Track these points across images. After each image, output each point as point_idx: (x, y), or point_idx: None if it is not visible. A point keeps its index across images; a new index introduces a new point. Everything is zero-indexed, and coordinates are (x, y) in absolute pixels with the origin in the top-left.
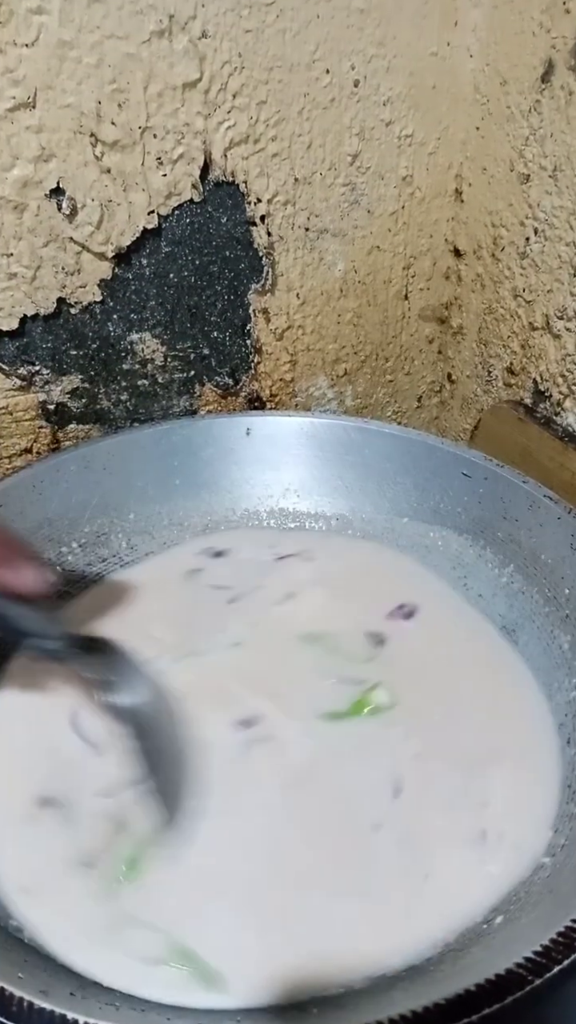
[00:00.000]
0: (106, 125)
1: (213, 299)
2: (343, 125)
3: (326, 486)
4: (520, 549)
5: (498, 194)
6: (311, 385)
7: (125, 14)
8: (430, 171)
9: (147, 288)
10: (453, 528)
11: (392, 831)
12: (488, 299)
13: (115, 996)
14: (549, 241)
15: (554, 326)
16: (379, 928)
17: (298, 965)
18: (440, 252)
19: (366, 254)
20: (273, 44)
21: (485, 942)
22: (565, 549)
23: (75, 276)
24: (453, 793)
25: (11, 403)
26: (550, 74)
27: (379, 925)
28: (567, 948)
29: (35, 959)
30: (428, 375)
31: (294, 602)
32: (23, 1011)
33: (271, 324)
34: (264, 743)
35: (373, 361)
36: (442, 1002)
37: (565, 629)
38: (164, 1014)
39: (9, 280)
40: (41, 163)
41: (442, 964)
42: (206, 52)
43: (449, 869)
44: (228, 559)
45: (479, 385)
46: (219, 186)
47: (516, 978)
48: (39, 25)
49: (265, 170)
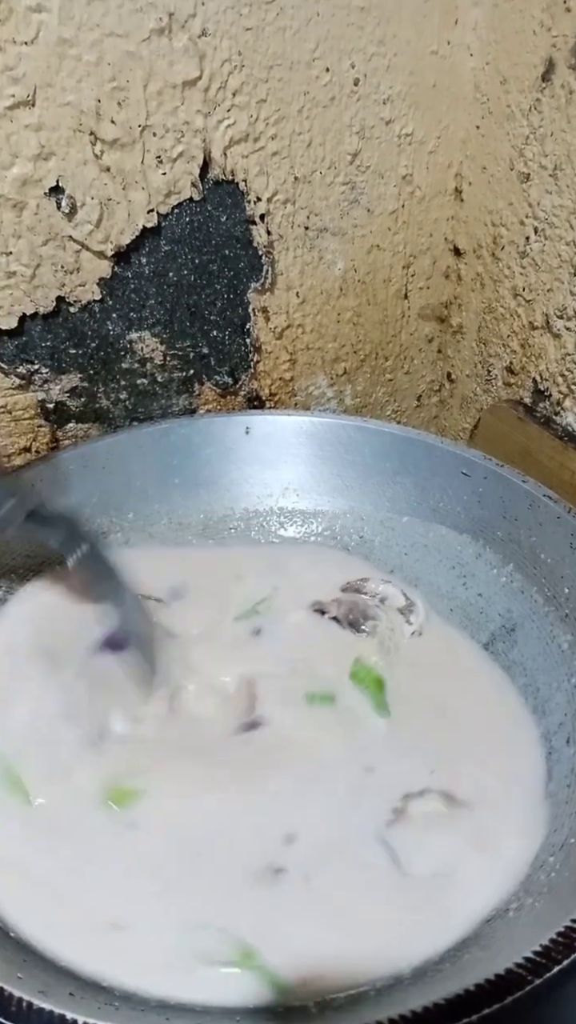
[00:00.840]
0: (106, 123)
1: (212, 298)
2: (343, 124)
3: (325, 485)
4: (520, 548)
5: (498, 193)
6: (310, 384)
7: (125, 12)
8: (430, 170)
9: (146, 287)
10: (452, 527)
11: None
12: (488, 298)
13: (115, 996)
14: (549, 240)
15: (554, 325)
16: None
17: (299, 965)
18: (440, 251)
19: (366, 253)
20: (273, 42)
21: (485, 942)
22: (565, 548)
23: (74, 275)
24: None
25: (10, 402)
26: (550, 73)
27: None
28: (567, 948)
29: (34, 959)
30: (428, 374)
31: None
32: (22, 1011)
33: (270, 323)
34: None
35: (372, 360)
36: (442, 1002)
37: (565, 629)
38: (164, 1014)
39: (8, 279)
40: (40, 161)
41: (442, 964)
42: (206, 50)
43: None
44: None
45: (479, 384)
46: (219, 185)
47: (516, 978)
48: (39, 23)
49: (265, 169)
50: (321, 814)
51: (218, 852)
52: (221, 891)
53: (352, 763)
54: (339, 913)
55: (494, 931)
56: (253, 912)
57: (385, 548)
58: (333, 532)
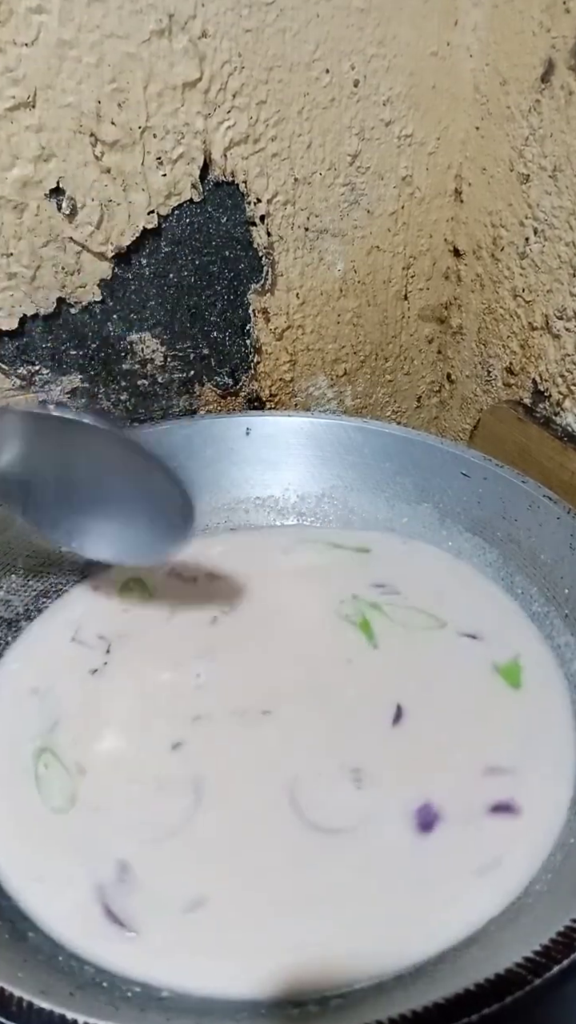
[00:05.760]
0: (106, 125)
1: (213, 299)
2: (343, 125)
3: (326, 486)
4: (519, 549)
5: (498, 194)
6: (311, 385)
7: (125, 13)
8: (430, 171)
9: (147, 288)
10: (453, 528)
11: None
12: (488, 299)
13: (115, 996)
14: (549, 241)
15: (554, 326)
16: (380, 928)
17: (299, 964)
18: (440, 252)
19: (366, 254)
20: (273, 44)
21: (485, 942)
22: (564, 549)
23: (75, 276)
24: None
25: (11, 403)
26: (550, 74)
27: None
28: (567, 948)
29: (35, 959)
30: (427, 375)
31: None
32: (23, 1011)
33: (271, 324)
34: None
35: (373, 361)
36: (442, 1002)
37: (565, 629)
38: (164, 1013)
39: (9, 280)
40: (41, 163)
41: (442, 964)
42: (206, 52)
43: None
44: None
45: (478, 385)
46: (219, 186)
47: (516, 978)
48: (39, 24)
49: (265, 170)
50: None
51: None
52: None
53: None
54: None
55: (494, 931)
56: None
57: (385, 549)
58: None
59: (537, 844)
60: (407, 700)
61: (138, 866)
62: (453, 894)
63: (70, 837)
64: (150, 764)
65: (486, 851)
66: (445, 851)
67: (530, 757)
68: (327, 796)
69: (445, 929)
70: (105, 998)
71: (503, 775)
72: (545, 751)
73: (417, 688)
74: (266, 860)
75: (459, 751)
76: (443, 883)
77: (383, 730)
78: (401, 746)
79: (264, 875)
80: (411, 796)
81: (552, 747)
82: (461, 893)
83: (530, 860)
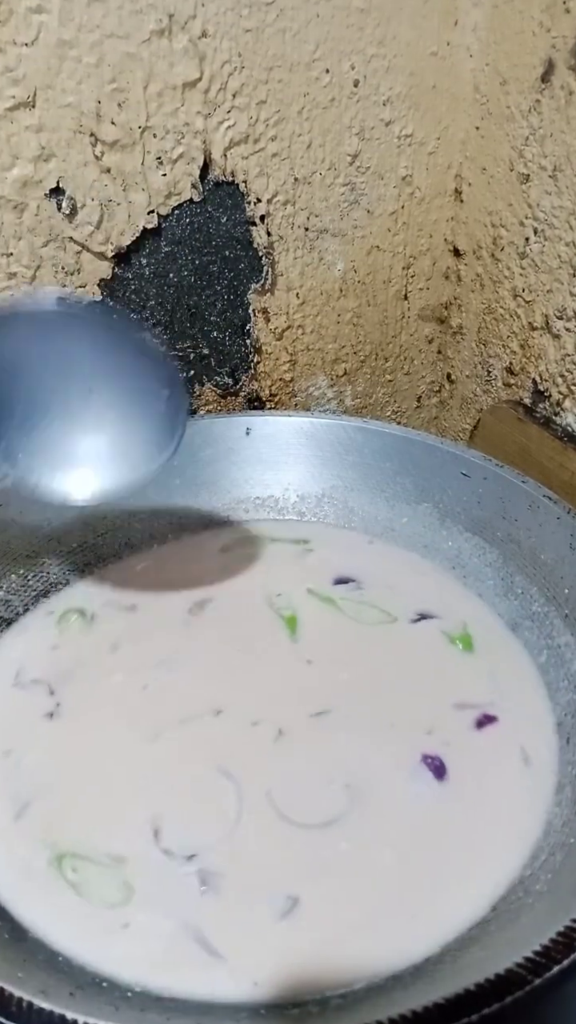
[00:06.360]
0: (106, 125)
1: (213, 299)
2: (343, 125)
3: (326, 486)
4: (519, 549)
5: (498, 194)
6: (311, 385)
7: (125, 13)
8: (430, 171)
9: (147, 288)
10: (452, 528)
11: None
12: (488, 299)
13: (115, 996)
14: (549, 241)
15: (554, 326)
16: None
17: (299, 964)
18: (440, 252)
19: (366, 254)
20: (273, 44)
21: (485, 942)
22: (564, 549)
23: (75, 276)
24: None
25: None
26: (550, 74)
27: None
28: (567, 948)
29: (35, 959)
30: (427, 375)
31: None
32: (23, 1011)
33: (271, 324)
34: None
35: (372, 361)
36: (442, 1002)
37: (565, 629)
38: (164, 1014)
39: (9, 280)
40: (41, 163)
41: (442, 964)
42: (206, 51)
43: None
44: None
45: (478, 385)
46: (219, 186)
47: (516, 978)
48: (39, 24)
49: (265, 170)
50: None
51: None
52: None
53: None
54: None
55: (494, 931)
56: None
57: (385, 548)
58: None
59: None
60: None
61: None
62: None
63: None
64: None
65: (508, 752)
66: (467, 787)
67: (493, 692)
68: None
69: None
70: (105, 998)
71: (476, 708)
72: (509, 687)
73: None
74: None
75: (435, 703)
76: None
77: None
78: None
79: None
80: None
81: (516, 683)
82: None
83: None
